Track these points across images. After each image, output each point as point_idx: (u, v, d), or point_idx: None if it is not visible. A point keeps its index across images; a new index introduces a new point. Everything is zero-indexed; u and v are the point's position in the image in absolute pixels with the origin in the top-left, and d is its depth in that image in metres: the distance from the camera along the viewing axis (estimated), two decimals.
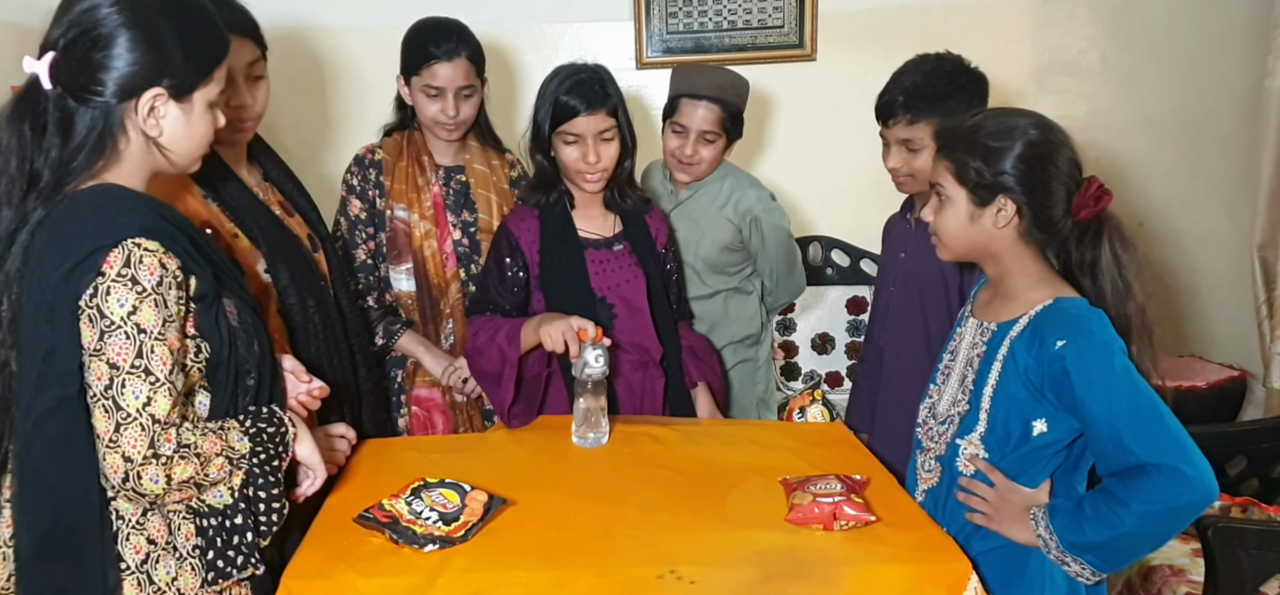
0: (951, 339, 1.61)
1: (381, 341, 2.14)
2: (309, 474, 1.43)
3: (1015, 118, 1.45)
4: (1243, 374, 3.01)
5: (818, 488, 1.48)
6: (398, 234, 2.15)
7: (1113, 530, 1.32)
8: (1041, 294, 1.44)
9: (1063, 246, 1.46)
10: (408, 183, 2.14)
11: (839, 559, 1.35)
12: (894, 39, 2.89)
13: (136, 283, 1.16)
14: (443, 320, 2.17)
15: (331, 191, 3.05)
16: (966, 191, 1.45)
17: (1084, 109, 3.15)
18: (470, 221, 2.17)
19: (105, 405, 1.16)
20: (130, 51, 1.22)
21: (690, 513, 1.49)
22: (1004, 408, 1.44)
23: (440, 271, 2.15)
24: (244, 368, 1.33)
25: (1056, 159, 1.41)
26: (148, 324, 1.17)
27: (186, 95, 1.28)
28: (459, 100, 2.07)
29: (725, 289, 2.35)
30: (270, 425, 1.34)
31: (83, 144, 1.22)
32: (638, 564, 1.35)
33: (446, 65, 2.04)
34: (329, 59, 2.99)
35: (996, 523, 1.44)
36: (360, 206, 2.15)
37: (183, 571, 1.26)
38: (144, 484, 1.17)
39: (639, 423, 1.91)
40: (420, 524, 1.40)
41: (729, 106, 2.23)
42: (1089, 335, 1.36)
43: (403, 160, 2.16)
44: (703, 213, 2.31)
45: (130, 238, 1.17)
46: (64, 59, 1.21)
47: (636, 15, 3.04)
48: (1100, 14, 3.14)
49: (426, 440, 2.10)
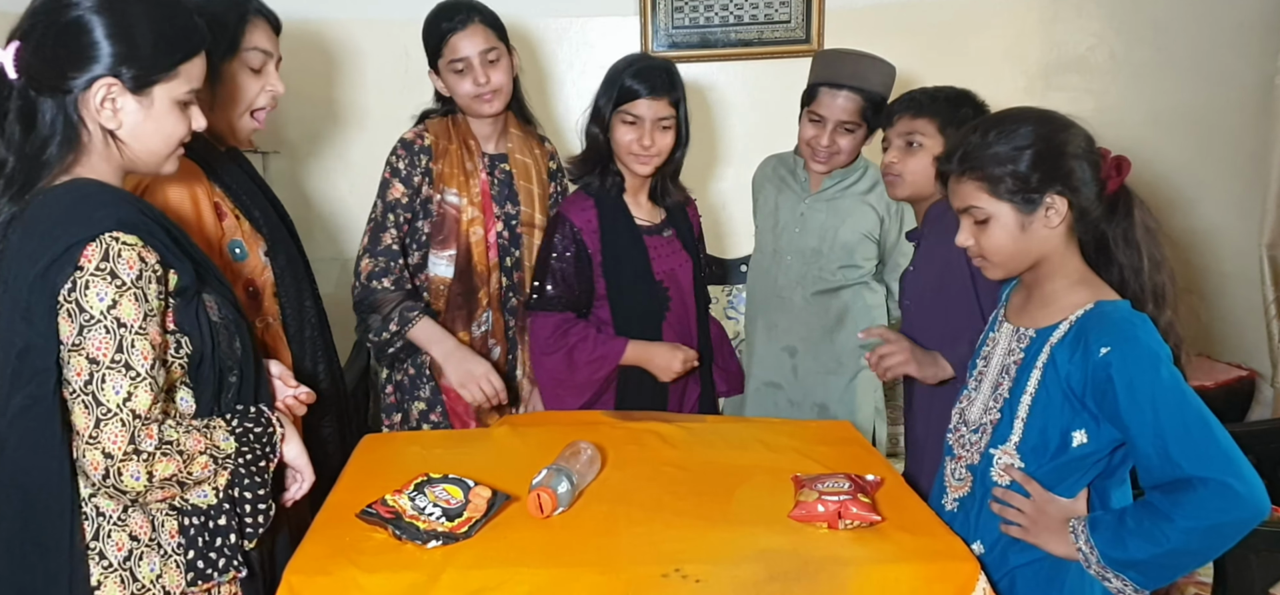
0: (984, 344, 1.55)
1: (394, 327, 2.03)
2: (297, 477, 1.42)
3: (1017, 117, 1.40)
4: (1251, 373, 2.99)
5: (825, 486, 1.47)
6: (447, 218, 2.09)
7: (1157, 546, 1.26)
8: (1081, 296, 1.38)
9: (1096, 228, 1.41)
10: (458, 167, 2.10)
11: (846, 559, 1.34)
12: (901, 34, 2.88)
13: (115, 276, 1.14)
14: (478, 309, 2.13)
15: (331, 181, 3.06)
16: (1009, 203, 1.37)
17: (1092, 106, 3.12)
18: (512, 213, 2.15)
19: (85, 401, 1.14)
20: (87, 41, 1.19)
21: (695, 511, 1.48)
22: (1042, 417, 1.38)
23: (484, 259, 2.11)
24: (226, 365, 1.30)
25: (1077, 139, 1.38)
26: (128, 318, 1.15)
27: (145, 89, 1.23)
28: (486, 66, 2.03)
29: (855, 283, 2.33)
30: (257, 425, 1.32)
31: (49, 137, 1.20)
32: (642, 562, 1.33)
33: (463, 35, 2.02)
34: (334, 51, 2.98)
35: (1033, 535, 1.39)
36: (402, 191, 2.07)
37: (167, 569, 1.25)
38: (125, 480, 1.15)
39: (644, 420, 1.90)
40: (423, 520, 1.39)
41: (871, 95, 2.18)
42: (1135, 342, 1.30)
43: (453, 143, 2.11)
44: (845, 198, 2.29)
45: (108, 231, 1.15)
46: (28, 48, 1.19)
47: (642, 9, 3.03)
48: (1109, 11, 3.12)
49: (430, 435, 2.09)
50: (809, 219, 2.30)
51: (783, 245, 2.33)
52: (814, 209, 2.30)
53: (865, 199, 2.29)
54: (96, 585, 1.21)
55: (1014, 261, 1.42)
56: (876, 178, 2.30)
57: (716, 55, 3.06)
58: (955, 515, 1.50)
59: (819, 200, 2.31)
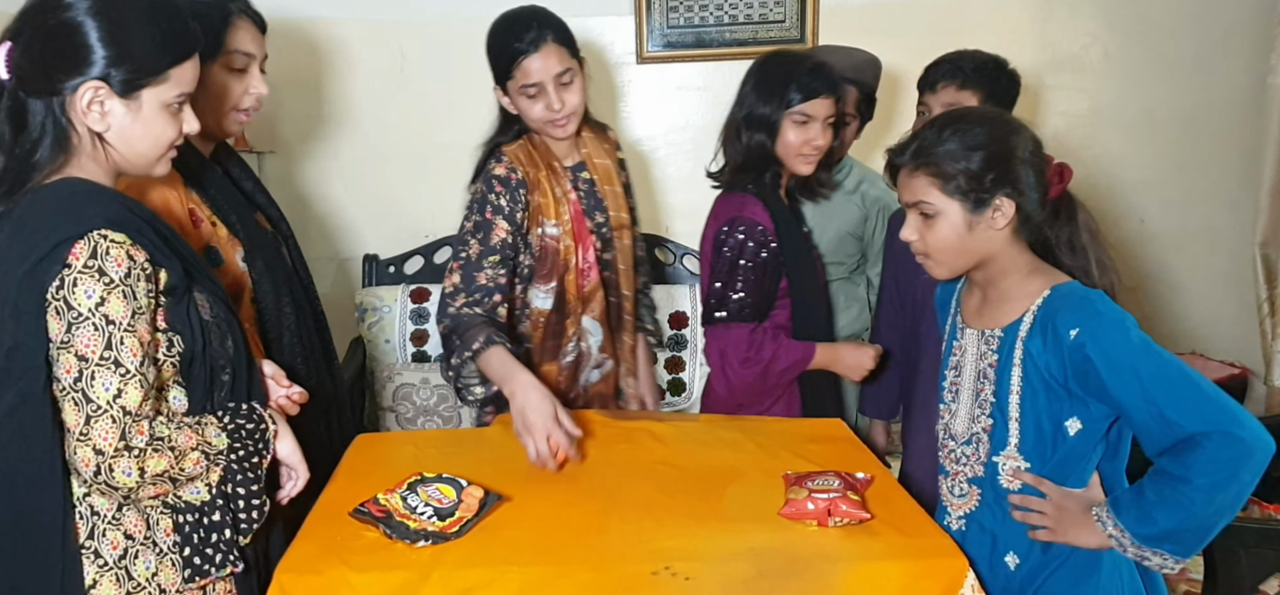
0: (950, 354, 1.53)
1: (468, 353, 1.76)
2: (291, 474, 1.42)
3: (972, 118, 1.42)
4: (1243, 371, 3.00)
5: (815, 484, 1.47)
6: (547, 251, 1.93)
7: (1184, 511, 1.25)
8: (1036, 285, 1.39)
9: (1039, 232, 1.42)
10: (549, 195, 1.93)
11: (835, 555, 1.35)
12: (895, 32, 2.88)
13: (104, 274, 1.14)
14: (566, 338, 1.99)
15: (326, 181, 3.06)
16: (959, 201, 1.39)
17: (1086, 106, 3.14)
18: (603, 223, 2.02)
19: (75, 398, 1.14)
20: (78, 44, 1.19)
21: (686, 509, 1.48)
22: (1033, 413, 1.38)
23: (576, 286, 1.97)
24: (218, 364, 1.31)
25: (1026, 144, 1.39)
26: (116, 315, 1.15)
27: (133, 93, 1.23)
28: (560, 90, 1.86)
29: (838, 279, 2.35)
30: (249, 422, 1.32)
31: (40, 138, 1.20)
32: (633, 560, 1.34)
33: (536, 57, 1.83)
34: (326, 51, 2.99)
35: (1061, 533, 1.37)
36: (508, 230, 1.87)
37: (163, 566, 1.25)
38: (116, 476, 1.15)
39: (637, 419, 1.90)
40: (414, 519, 1.40)
41: (863, 87, 2.20)
42: (1099, 315, 1.31)
43: (540, 171, 1.93)
44: (832, 197, 2.28)
45: (96, 229, 1.15)
46: (19, 49, 1.20)
47: (637, 9, 3.03)
48: (1103, 10, 3.12)
49: (423, 435, 2.09)
50: None
51: None
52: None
53: (850, 197, 2.31)
54: (92, 584, 1.21)
55: (958, 260, 1.43)
56: (862, 174, 2.32)
57: (711, 55, 3.06)
58: (966, 533, 1.46)
59: None
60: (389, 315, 2.87)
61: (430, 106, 3.01)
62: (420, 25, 2.98)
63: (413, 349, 2.86)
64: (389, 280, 2.99)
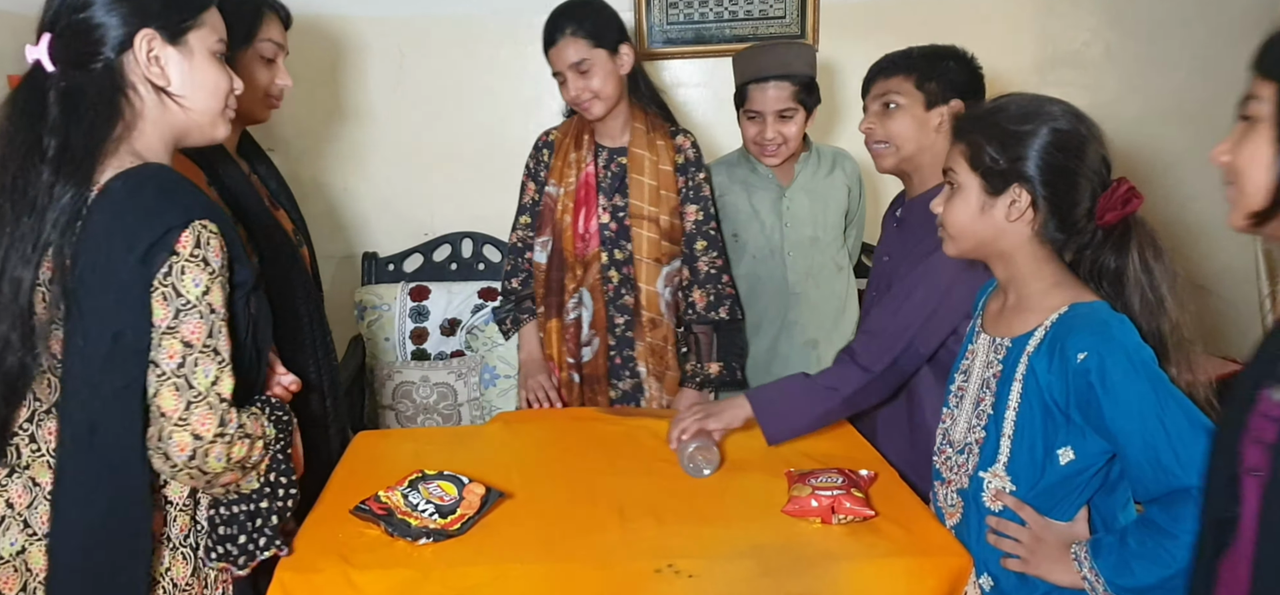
0: (963, 357, 1.46)
1: (509, 325, 2.30)
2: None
3: (1044, 104, 1.32)
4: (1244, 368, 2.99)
5: (818, 481, 1.47)
6: (545, 208, 2.21)
7: (1165, 569, 1.16)
8: (1056, 299, 1.30)
9: (1083, 252, 1.33)
10: (563, 160, 2.21)
11: (838, 553, 1.34)
12: (896, 28, 2.86)
13: (207, 264, 1.17)
14: (567, 296, 2.19)
15: (328, 176, 3.05)
16: (979, 178, 1.32)
17: (1087, 101, 3.05)
18: (621, 206, 2.18)
19: (176, 383, 1.15)
20: (111, 5, 1.20)
21: (689, 506, 1.48)
22: (1028, 433, 1.29)
23: (572, 247, 2.17)
24: (258, 357, 1.32)
25: (1084, 153, 1.28)
26: (217, 304, 1.18)
27: (180, 37, 1.25)
28: (578, 76, 2.10)
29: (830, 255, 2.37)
30: (281, 412, 1.35)
31: (97, 114, 1.20)
32: (636, 558, 1.33)
33: (555, 51, 2.10)
34: (326, 49, 2.98)
35: (1034, 566, 1.28)
36: (533, 190, 2.26)
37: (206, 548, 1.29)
38: (210, 462, 1.17)
39: (638, 417, 1.89)
40: (415, 516, 1.39)
41: (799, 78, 2.21)
42: (1112, 343, 1.21)
43: (567, 138, 2.22)
44: (820, 182, 2.33)
45: (198, 218, 1.17)
46: (58, 35, 1.20)
47: (637, 6, 3.02)
48: (1104, 6, 3.12)
49: (424, 432, 2.09)
50: (795, 211, 2.31)
51: (777, 242, 2.33)
52: (796, 200, 2.31)
53: (832, 178, 2.35)
54: (167, 567, 1.24)
55: (967, 240, 1.37)
56: (836, 156, 2.35)
57: (711, 51, 3.05)
58: None
59: (797, 191, 2.32)
60: (388, 313, 2.86)
61: (430, 104, 3.00)
62: (420, 23, 2.97)
63: (412, 347, 2.85)
64: (388, 278, 2.98)
